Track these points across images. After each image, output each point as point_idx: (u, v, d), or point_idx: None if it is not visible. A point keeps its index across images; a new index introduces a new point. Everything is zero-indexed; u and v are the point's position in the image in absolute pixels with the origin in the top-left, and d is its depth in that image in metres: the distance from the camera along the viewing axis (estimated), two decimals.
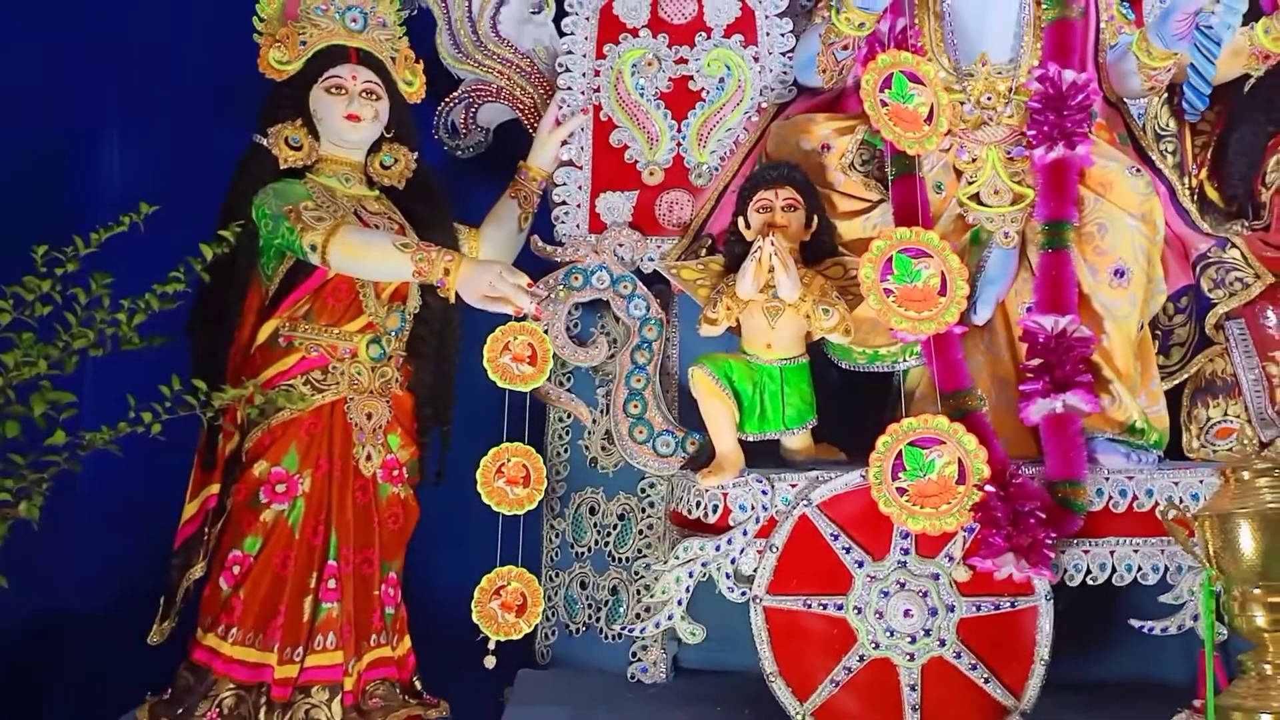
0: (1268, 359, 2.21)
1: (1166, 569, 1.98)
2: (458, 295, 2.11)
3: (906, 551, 1.95)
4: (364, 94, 2.30)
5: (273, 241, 2.19)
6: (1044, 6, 2.25)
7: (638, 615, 2.26)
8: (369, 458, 2.19)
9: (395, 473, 2.24)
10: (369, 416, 2.21)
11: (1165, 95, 2.44)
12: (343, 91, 2.28)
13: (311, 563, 2.10)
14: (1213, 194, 2.46)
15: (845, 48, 2.26)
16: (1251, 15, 2.22)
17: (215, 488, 2.13)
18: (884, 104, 2.10)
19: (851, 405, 2.32)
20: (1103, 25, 2.34)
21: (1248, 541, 1.73)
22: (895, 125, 2.10)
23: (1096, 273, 2.09)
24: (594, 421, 2.46)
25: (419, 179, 2.40)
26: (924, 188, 2.18)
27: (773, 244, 2.05)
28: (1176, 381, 2.27)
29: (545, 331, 2.23)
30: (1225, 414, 2.24)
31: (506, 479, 2.06)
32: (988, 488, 1.92)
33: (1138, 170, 2.13)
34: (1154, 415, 2.13)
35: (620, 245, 2.42)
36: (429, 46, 2.67)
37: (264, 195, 2.20)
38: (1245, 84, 2.35)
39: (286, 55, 2.30)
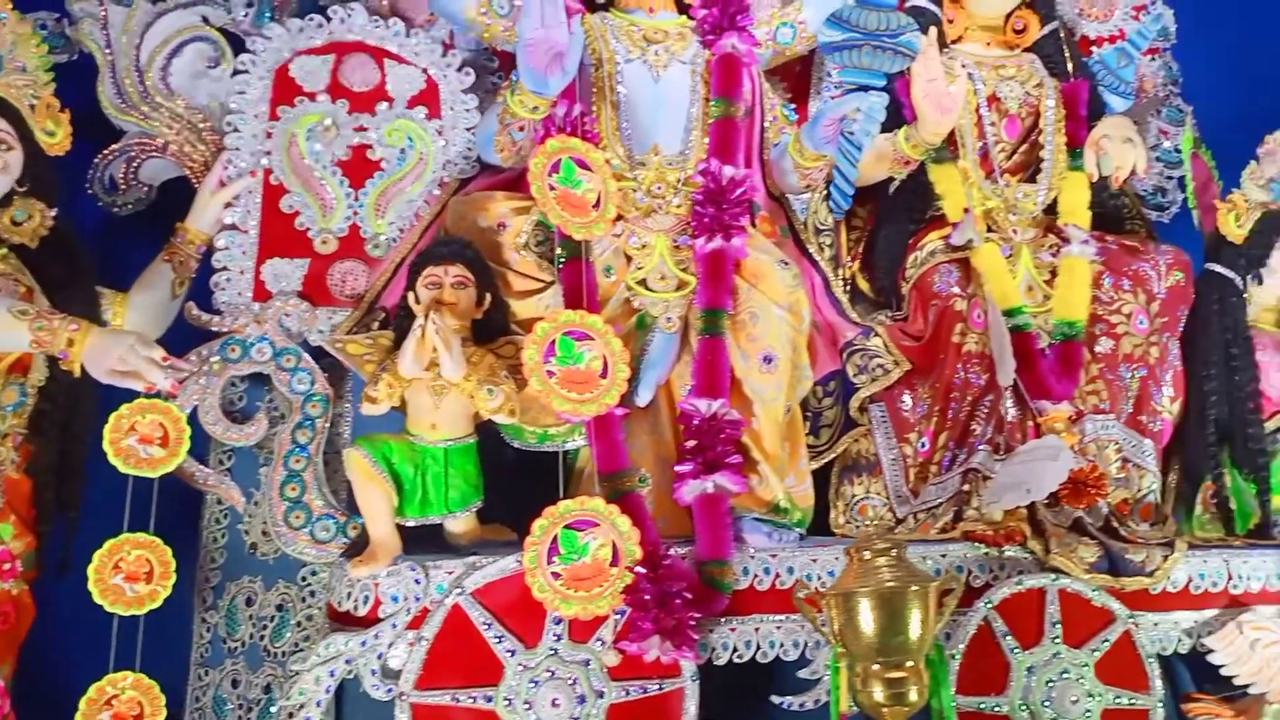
0: (903, 440, 2.39)
1: (806, 644, 2.06)
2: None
3: (559, 638, 1.93)
4: None
5: None
6: (711, 104, 2.36)
7: (290, 715, 2.10)
8: None
9: (6, 566, 1.99)
10: None
11: (825, 193, 2.62)
12: None
13: None
14: (864, 285, 2.65)
15: (521, 129, 2.28)
16: (896, 124, 2.44)
17: None
18: (552, 188, 2.12)
19: (526, 484, 2.30)
20: (767, 125, 2.49)
21: (867, 619, 1.83)
22: (562, 210, 2.12)
23: (748, 358, 2.19)
24: (255, 504, 2.31)
25: (56, 237, 2.19)
26: (593, 271, 2.21)
27: (435, 322, 2.00)
28: (825, 460, 2.41)
29: (194, 409, 2.08)
30: (868, 491, 2.40)
31: (125, 575, 1.87)
32: (639, 569, 1.93)
33: (786, 263, 2.26)
34: (800, 494, 2.24)
35: (286, 315, 2.30)
36: (91, 94, 2.48)
37: None
38: (890, 185, 2.56)
39: None
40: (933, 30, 2.37)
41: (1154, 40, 2.92)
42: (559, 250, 2.21)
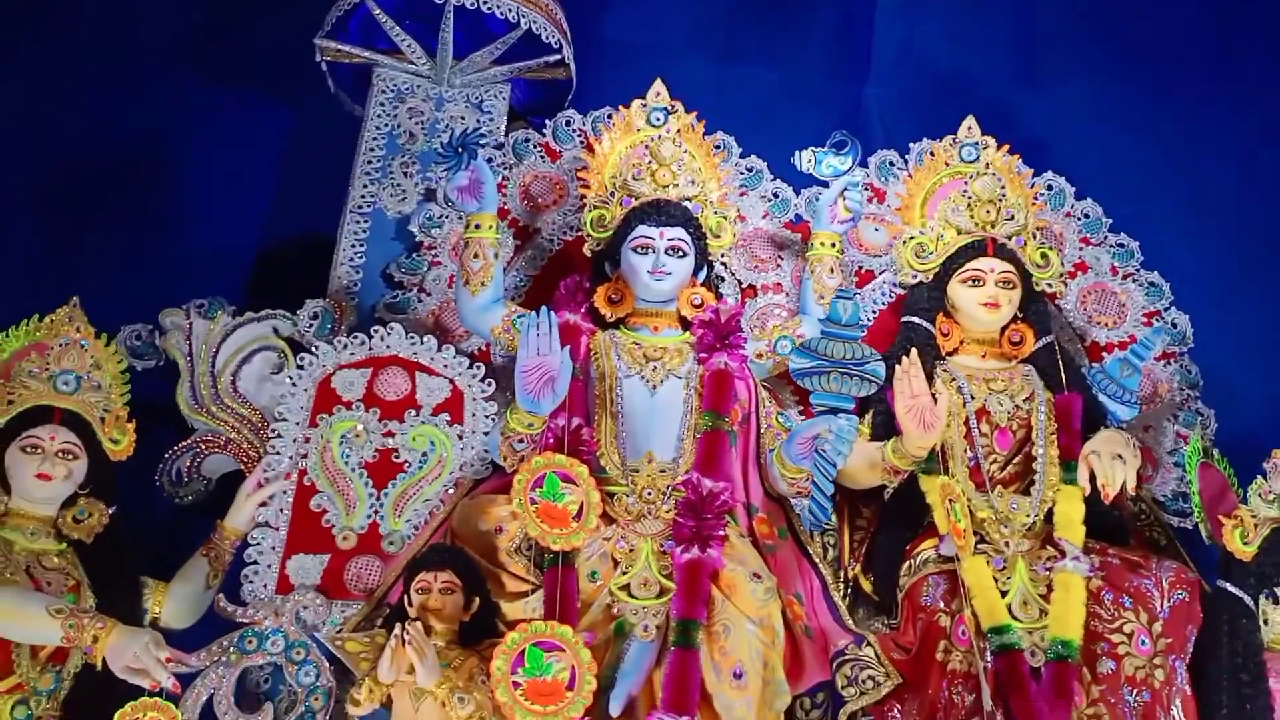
0: None
1: None
2: None
3: None
4: (60, 454, 2.41)
5: None
6: (701, 417, 2.52)
7: None
8: None
9: None
10: None
11: None
12: (38, 450, 2.40)
13: None
14: (866, 586, 2.65)
15: (521, 441, 2.47)
16: (889, 433, 2.52)
17: None
18: (533, 502, 2.29)
19: None
20: (763, 430, 2.62)
21: None
22: (542, 522, 2.28)
23: (719, 672, 2.21)
24: None
25: (109, 534, 2.47)
26: (574, 577, 2.33)
27: (409, 632, 2.14)
28: None
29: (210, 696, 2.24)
30: None
31: None
32: None
33: (759, 577, 2.31)
34: None
35: (304, 608, 2.48)
36: (170, 394, 2.85)
37: None
38: (886, 491, 2.61)
39: None
40: (914, 351, 2.48)
41: (1170, 345, 2.94)
42: (544, 556, 2.34)
